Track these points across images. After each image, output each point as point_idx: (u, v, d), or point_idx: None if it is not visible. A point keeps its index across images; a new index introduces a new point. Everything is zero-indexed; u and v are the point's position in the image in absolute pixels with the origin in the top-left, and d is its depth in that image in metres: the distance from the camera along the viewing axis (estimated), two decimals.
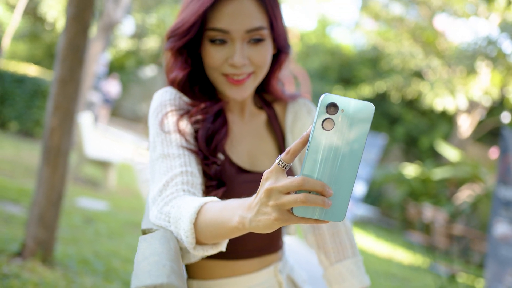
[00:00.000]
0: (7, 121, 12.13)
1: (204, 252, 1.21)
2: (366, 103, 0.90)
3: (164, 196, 1.31)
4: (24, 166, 8.41)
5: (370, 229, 13.05)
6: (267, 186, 0.94)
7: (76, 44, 4.07)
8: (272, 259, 1.59)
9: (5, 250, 4.18)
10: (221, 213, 1.10)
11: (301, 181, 0.90)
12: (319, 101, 0.90)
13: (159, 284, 0.80)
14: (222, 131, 1.50)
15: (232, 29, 1.41)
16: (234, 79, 1.45)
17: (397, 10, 17.57)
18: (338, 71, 19.88)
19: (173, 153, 1.38)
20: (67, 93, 4.09)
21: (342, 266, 1.55)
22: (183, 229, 1.18)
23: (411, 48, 15.17)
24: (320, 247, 1.59)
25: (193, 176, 1.35)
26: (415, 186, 14.01)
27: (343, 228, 1.59)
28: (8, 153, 9.34)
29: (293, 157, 0.95)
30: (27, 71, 12.92)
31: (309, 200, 0.89)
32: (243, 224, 1.02)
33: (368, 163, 11.77)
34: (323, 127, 0.89)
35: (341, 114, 0.89)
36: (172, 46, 1.48)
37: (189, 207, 1.18)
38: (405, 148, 18.62)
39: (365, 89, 16.60)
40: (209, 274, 1.52)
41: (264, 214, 0.96)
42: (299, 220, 0.94)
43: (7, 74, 12.29)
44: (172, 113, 1.45)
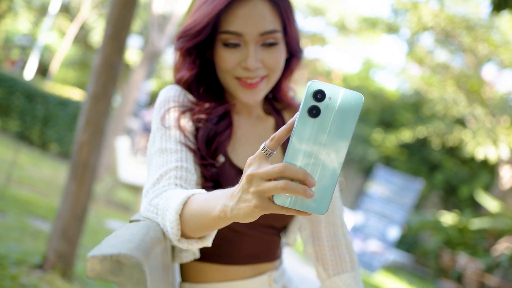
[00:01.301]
0: (48, 142, 12.36)
1: (189, 245, 1.18)
2: (355, 93, 0.87)
3: (155, 189, 1.29)
4: (59, 185, 8.52)
5: (403, 276, 12.75)
6: (249, 172, 0.92)
7: (111, 62, 4.13)
8: (267, 268, 1.55)
9: (26, 261, 4.20)
10: (205, 203, 1.08)
11: (283, 167, 0.87)
12: (306, 87, 0.88)
13: (116, 254, 0.77)
14: (225, 134, 1.48)
15: (246, 32, 1.40)
16: (247, 83, 1.44)
17: (442, 56, 17.49)
18: (379, 114, 19.76)
19: (171, 148, 1.37)
20: (99, 109, 4.14)
21: (339, 280, 1.51)
22: (168, 220, 1.16)
23: (454, 95, 15.01)
24: (319, 259, 1.55)
25: (188, 172, 1.33)
26: (451, 234, 13.68)
27: (343, 241, 1.55)
28: (45, 172, 9.49)
29: (277, 143, 0.92)
30: (71, 95, 13.20)
31: (289, 187, 0.86)
32: (225, 212, 0.99)
33: (402, 207, 11.57)
34: (308, 114, 0.87)
35: (328, 102, 0.87)
36: (181, 46, 1.47)
37: (176, 198, 1.16)
38: (443, 195, 18.26)
39: (405, 133, 16.45)
40: (201, 277, 1.50)
41: (245, 201, 0.94)
42: (279, 209, 0.91)
43: (52, 97, 12.57)
44: (174, 109, 1.45)
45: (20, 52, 30.15)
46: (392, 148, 18.15)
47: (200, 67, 1.51)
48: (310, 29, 26.08)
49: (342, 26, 23.99)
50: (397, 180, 11.77)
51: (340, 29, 24.30)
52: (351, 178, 21.13)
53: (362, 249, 11.34)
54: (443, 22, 15.56)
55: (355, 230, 11.57)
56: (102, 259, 0.77)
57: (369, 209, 11.65)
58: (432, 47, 18.10)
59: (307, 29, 26.08)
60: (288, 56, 1.55)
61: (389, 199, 11.62)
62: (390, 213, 11.53)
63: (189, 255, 1.41)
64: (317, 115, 0.87)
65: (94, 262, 0.77)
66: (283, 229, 1.59)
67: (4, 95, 12.84)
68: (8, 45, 28.62)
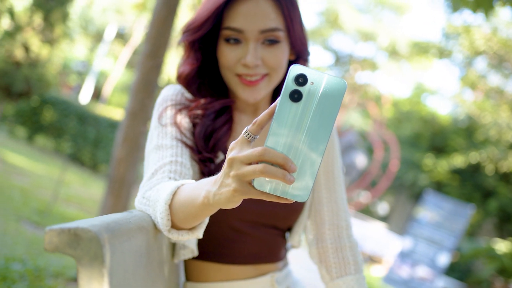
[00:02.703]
0: (98, 163, 12.62)
1: (179, 236, 1.17)
2: (338, 79, 0.86)
3: (149, 183, 1.30)
4: None
5: None
6: (230, 156, 0.91)
7: (149, 79, 4.21)
8: (269, 268, 1.53)
9: (64, 274, 4.27)
10: (192, 191, 1.08)
11: (262, 151, 0.86)
12: (288, 71, 0.87)
13: (73, 228, 0.78)
14: (223, 130, 1.48)
15: (246, 28, 1.40)
16: (247, 80, 1.44)
17: (495, 81, 17.15)
18: (430, 139, 19.45)
19: (166, 144, 1.38)
20: (136, 125, 4.21)
21: (342, 283, 1.47)
22: (158, 210, 1.16)
23: (508, 120, 14.68)
24: (322, 261, 1.52)
25: (183, 167, 1.33)
26: (506, 262, 13.24)
27: (347, 244, 1.52)
28: (93, 192, 9.67)
29: (259, 128, 0.91)
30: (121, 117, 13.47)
31: (268, 171, 0.85)
32: (208, 198, 0.99)
33: (453, 233, 11.28)
34: (290, 98, 0.85)
35: (310, 87, 0.85)
36: (184, 40, 1.48)
37: (166, 189, 1.17)
38: (498, 223, 17.75)
39: (457, 158, 16.13)
40: (203, 276, 1.49)
41: (226, 186, 0.93)
42: (259, 194, 0.90)
43: (103, 120, 12.87)
44: (171, 107, 1.46)
45: (77, 78, 31.02)
46: (443, 173, 17.80)
47: (202, 62, 1.52)
48: (361, 54, 26.02)
49: (393, 51, 23.86)
50: (447, 205, 11.50)
51: (391, 54, 24.17)
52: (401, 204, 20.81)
53: (411, 275, 11.09)
54: (495, 46, 15.30)
55: (403, 255, 11.33)
56: (60, 232, 0.77)
57: (417, 235, 11.40)
58: (485, 71, 17.78)
59: (357, 54, 26.03)
60: (294, 57, 1.54)
61: (439, 225, 11.36)
62: (440, 238, 11.26)
63: (187, 253, 1.40)
64: (299, 99, 0.85)
65: (52, 235, 0.77)
66: (288, 230, 1.57)
67: (58, 118, 13.22)
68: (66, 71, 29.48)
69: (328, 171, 1.56)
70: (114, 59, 30.32)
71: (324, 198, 1.54)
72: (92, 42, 31.54)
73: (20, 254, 4.40)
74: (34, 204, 6.65)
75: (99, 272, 0.79)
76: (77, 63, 30.97)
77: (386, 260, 14.13)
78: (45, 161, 11.61)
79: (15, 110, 13.62)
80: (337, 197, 1.55)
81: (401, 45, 22.84)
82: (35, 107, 13.50)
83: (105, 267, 0.79)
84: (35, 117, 13.52)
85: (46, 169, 10.49)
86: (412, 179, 18.66)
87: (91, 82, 27.00)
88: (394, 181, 19.18)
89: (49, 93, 13.19)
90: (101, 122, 12.86)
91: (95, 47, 31.33)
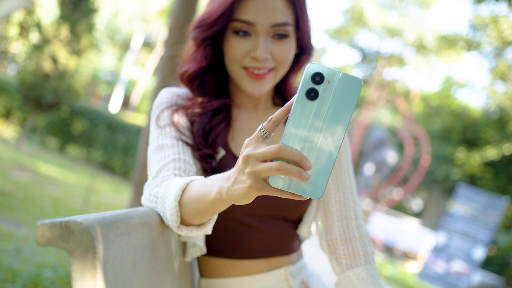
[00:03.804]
0: (129, 170, 12.75)
1: (188, 232, 1.18)
2: (354, 77, 0.87)
3: (155, 181, 1.31)
4: None
5: None
6: (245, 153, 0.92)
7: (169, 84, 4.24)
8: (283, 262, 1.52)
9: None
10: (203, 187, 1.08)
11: (278, 148, 0.87)
12: (304, 70, 0.88)
13: (65, 221, 0.79)
14: (220, 126, 1.48)
15: (258, 22, 1.40)
16: (254, 73, 1.43)
17: None
18: (461, 132, 19.21)
19: (167, 143, 1.38)
20: None
21: (353, 274, 1.46)
22: (168, 206, 1.16)
23: None
24: (332, 253, 1.51)
25: (186, 164, 1.34)
26: None
27: (357, 234, 1.50)
28: (124, 198, 9.77)
29: (275, 125, 0.92)
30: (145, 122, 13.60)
31: (283, 169, 0.86)
32: (221, 194, 1.00)
33: (487, 226, 11.11)
34: (306, 96, 0.86)
35: (327, 86, 0.86)
36: (197, 36, 1.46)
37: (175, 185, 1.17)
38: None
39: (490, 151, 15.90)
40: (216, 272, 1.50)
41: (240, 182, 0.94)
42: (274, 191, 0.91)
43: (132, 127, 13.01)
44: (167, 109, 1.46)
45: (106, 87, 31.41)
46: (476, 166, 17.56)
47: (210, 60, 1.51)
48: (388, 51, 25.84)
49: (420, 46, 23.64)
50: (481, 198, 11.35)
51: (418, 49, 23.94)
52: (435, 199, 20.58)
53: (446, 270, 10.96)
54: None
55: (438, 250, 11.20)
56: (51, 225, 0.79)
57: (452, 229, 11.27)
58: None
59: (384, 50, 25.85)
60: (298, 51, 1.54)
61: (473, 218, 11.21)
62: (475, 232, 11.11)
63: (196, 251, 1.41)
64: (315, 98, 0.86)
65: (44, 228, 0.79)
66: (298, 221, 1.57)
67: (88, 128, 13.40)
68: (95, 82, 29.89)
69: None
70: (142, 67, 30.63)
71: (331, 189, 1.53)
72: (119, 52, 31.91)
73: (51, 261, 4.47)
74: (65, 212, 6.75)
75: (92, 264, 0.80)
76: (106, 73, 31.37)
77: (420, 256, 14.00)
78: (76, 171, 11.77)
79: (46, 122, 13.86)
80: (345, 187, 1.54)
81: (428, 39, 22.63)
82: (65, 118, 13.71)
83: (97, 259, 0.80)
84: (66, 128, 13.74)
85: (78, 178, 10.64)
86: (444, 173, 18.45)
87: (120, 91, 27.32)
88: (426, 176, 18.99)
89: (79, 104, 13.40)
90: (130, 129, 13.01)
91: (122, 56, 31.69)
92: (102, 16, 24.51)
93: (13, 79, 15.23)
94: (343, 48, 25.55)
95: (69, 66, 11.73)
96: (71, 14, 11.83)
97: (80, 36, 11.92)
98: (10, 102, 14.40)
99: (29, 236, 5.04)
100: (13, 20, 21.03)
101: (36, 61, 11.61)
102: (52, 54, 11.71)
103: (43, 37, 11.81)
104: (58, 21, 11.78)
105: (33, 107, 11.73)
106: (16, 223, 5.45)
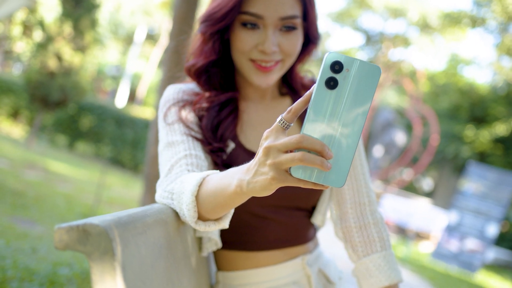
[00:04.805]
0: (139, 164, 12.78)
1: (206, 227, 1.18)
2: (373, 65, 0.86)
3: (168, 177, 1.30)
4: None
5: (507, 274, 12.21)
6: (266, 145, 0.91)
7: (175, 76, 4.23)
8: (299, 251, 1.52)
9: None
10: (220, 181, 1.08)
11: (300, 138, 0.86)
12: (323, 58, 0.88)
13: (82, 224, 0.79)
14: (229, 119, 1.47)
15: (267, 15, 1.38)
16: (261, 66, 1.42)
17: None
18: (469, 109, 19.13)
19: (177, 140, 1.38)
20: None
21: (369, 261, 1.46)
22: (185, 202, 1.16)
23: None
24: (348, 241, 1.51)
25: (198, 159, 1.34)
26: None
27: (371, 220, 1.50)
28: (136, 192, 9.81)
29: (294, 116, 0.91)
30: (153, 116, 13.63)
31: (306, 159, 0.85)
32: (241, 187, 0.99)
33: (500, 202, 11.09)
34: (326, 86, 0.86)
35: (346, 74, 0.86)
36: (206, 30, 1.44)
37: (191, 181, 1.17)
38: None
39: (499, 127, 15.83)
40: (232, 265, 1.50)
41: (262, 174, 0.93)
42: (297, 181, 0.90)
43: (139, 121, 13.03)
44: (174, 105, 1.46)
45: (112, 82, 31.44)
46: (486, 143, 17.49)
47: (219, 54, 1.49)
48: (392, 31, 25.70)
49: (424, 25, 23.49)
50: (492, 175, 11.32)
51: (423, 28, 23.79)
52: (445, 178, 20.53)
53: (460, 249, 10.96)
54: None
55: (451, 229, 11.20)
56: (68, 229, 0.79)
57: (463, 207, 11.26)
58: None
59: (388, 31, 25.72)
60: (304, 41, 1.53)
61: (485, 195, 11.19)
62: (487, 209, 11.09)
63: (211, 245, 1.41)
64: (335, 86, 0.86)
65: (61, 233, 0.79)
66: (312, 210, 1.56)
67: (95, 123, 13.44)
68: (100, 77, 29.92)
69: None
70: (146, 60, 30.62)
71: None
72: (123, 46, 31.91)
73: (67, 258, 4.50)
74: (78, 209, 6.79)
75: (111, 266, 0.80)
76: (111, 68, 31.38)
77: (433, 235, 14.00)
78: (86, 167, 11.82)
79: (54, 119, 13.91)
80: (357, 174, 1.53)
81: (432, 18, 22.48)
82: (73, 115, 13.75)
83: (116, 261, 0.81)
84: (74, 124, 13.78)
85: (88, 174, 10.68)
86: (454, 152, 18.39)
87: (126, 85, 27.34)
88: (436, 155, 18.95)
89: (85, 100, 13.43)
90: (138, 123, 13.03)
91: (126, 50, 31.69)
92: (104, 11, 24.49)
93: (19, 79, 15.28)
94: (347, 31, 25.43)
95: (74, 63, 11.74)
96: (73, 11, 11.83)
97: (83, 32, 11.93)
98: (17, 101, 14.45)
99: (43, 235, 5.07)
100: (15, 20, 21.06)
101: (41, 59, 11.64)
102: (56, 52, 11.73)
103: (47, 35, 11.83)
104: (61, 19, 11.79)
105: (40, 106, 11.77)
106: (30, 222, 5.49)
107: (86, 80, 12.13)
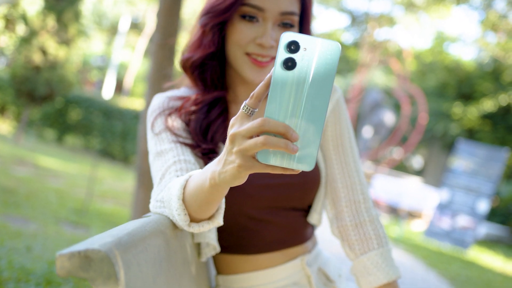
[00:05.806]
0: (129, 156, 12.74)
1: (200, 227, 1.17)
2: (331, 42, 0.84)
3: (160, 187, 1.30)
4: None
5: (499, 249, 12.33)
6: (231, 132, 0.90)
7: (163, 69, 4.21)
8: (298, 252, 1.52)
9: None
10: (199, 178, 1.07)
11: (262, 122, 0.84)
12: (279, 40, 0.86)
13: (83, 250, 0.79)
14: (218, 121, 1.46)
15: (268, 8, 1.38)
16: (257, 60, 1.41)
17: None
18: (457, 87, 19.19)
19: (165, 148, 1.38)
20: None
21: (367, 259, 1.47)
22: (174, 208, 1.15)
23: None
24: (344, 239, 1.52)
25: (187, 163, 1.33)
26: None
27: (367, 218, 1.50)
28: (128, 185, 9.79)
29: (257, 100, 0.89)
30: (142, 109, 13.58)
31: (269, 142, 0.83)
32: (214, 179, 0.98)
33: (490, 178, 11.17)
34: (284, 67, 0.84)
35: (304, 53, 0.84)
36: (207, 22, 1.43)
37: (176, 185, 1.16)
38: None
39: (487, 103, 15.90)
40: (232, 269, 1.50)
41: (230, 163, 0.92)
42: (264, 167, 0.88)
43: (128, 112, 12.97)
44: (160, 115, 1.45)
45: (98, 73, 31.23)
46: (474, 120, 17.58)
47: (218, 46, 1.47)
48: (377, 11, 25.63)
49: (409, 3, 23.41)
50: (481, 152, 11.39)
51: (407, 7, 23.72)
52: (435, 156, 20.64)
53: (452, 226, 11.05)
54: None
55: (442, 207, 11.28)
56: (70, 256, 0.79)
57: (454, 185, 11.33)
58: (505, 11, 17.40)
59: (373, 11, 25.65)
60: None
61: (475, 172, 11.26)
62: (477, 186, 11.17)
63: (210, 250, 1.41)
64: (293, 67, 0.83)
65: (63, 259, 0.79)
66: (308, 209, 1.56)
67: (83, 116, 13.36)
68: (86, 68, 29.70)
69: (337, 144, 1.55)
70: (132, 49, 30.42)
71: (337, 174, 1.53)
72: (108, 36, 31.67)
73: None
74: (71, 204, 6.77)
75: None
76: (96, 59, 31.15)
77: (425, 214, 14.09)
78: (76, 160, 11.78)
79: (41, 114, 13.82)
80: (350, 170, 1.53)
81: None
82: (60, 108, 13.67)
83: (120, 285, 0.81)
84: (62, 118, 13.70)
85: (78, 167, 10.65)
86: (442, 129, 18.47)
87: (112, 76, 27.17)
88: (425, 134, 19.02)
89: (72, 93, 13.34)
90: (126, 114, 12.98)
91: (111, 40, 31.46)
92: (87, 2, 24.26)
93: (3, 73, 15.14)
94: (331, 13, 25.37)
95: (59, 57, 11.65)
96: (56, 3, 11.71)
97: (67, 25, 11.82)
98: (3, 97, 14.34)
99: (37, 232, 5.06)
100: None
101: (25, 54, 11.53)
102: (40, 46, 11.62)
103: (30, 29, 11.72)
104: (44, 12, 11.67)
105: (27, 100, 11.68)
106: (23, 220, 5.46)
107: (72, 73, 12.04)
